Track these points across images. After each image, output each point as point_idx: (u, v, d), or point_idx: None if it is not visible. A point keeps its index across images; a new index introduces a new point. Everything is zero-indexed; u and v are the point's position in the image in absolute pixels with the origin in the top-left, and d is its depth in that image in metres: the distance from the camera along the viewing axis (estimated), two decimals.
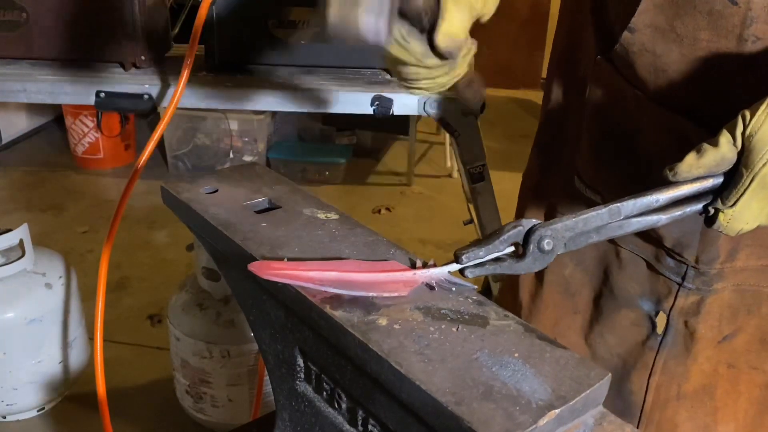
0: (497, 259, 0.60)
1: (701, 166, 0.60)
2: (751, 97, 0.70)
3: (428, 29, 0.61)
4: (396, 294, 0.58)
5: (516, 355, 0.53)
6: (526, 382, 0.50)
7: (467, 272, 0.60)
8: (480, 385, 0.49)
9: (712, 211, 0.62)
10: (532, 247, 0.59)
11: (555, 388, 0.49)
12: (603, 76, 0.83)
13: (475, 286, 0.61)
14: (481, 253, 0.59)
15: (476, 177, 1.69)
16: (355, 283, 0.59)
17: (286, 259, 0.63)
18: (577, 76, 0.89)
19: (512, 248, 0.60)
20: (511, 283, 1.01)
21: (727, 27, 0.68)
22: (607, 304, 0.90)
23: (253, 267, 0.60)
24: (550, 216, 0.98)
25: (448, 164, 3.66)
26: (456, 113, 1.41)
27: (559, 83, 0.95)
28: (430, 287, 0.60)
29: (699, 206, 0.62)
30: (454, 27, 0.62)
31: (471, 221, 1.81)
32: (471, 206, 1.75)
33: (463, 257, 0.59)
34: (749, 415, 0.88)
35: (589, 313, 0.93)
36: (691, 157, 0.60)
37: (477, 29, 0.80)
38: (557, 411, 0.47)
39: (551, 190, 0.97)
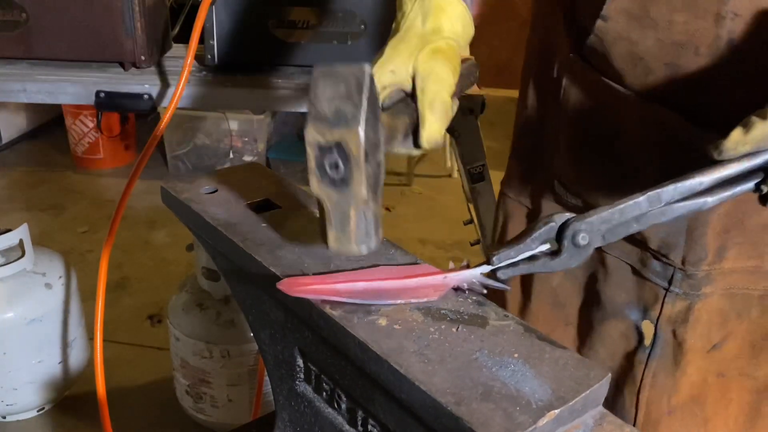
0: (531, 258, 0.58)
1: (748, 142, 0.57)
2: (732, 79, 0.68)
3: (411, 134, 0.66)
4: (425, 299, 0.58)
5: (516, 355, 0.53)
6: (525, 383, 0.50)
7: (500, 273, 0.58)
8: (479, 385, 0.49)
9: (765, 189, 0.58)
10: (566, 242, 0.57)
11: (555, 389, 0.49)
12: (577, 73, 0.81)
13: (509, 288, 0.60)
14: (512, 253, 0.57)
15: (476, 177, 1.69)
16: (383, 292, 0.58)
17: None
18: (552, 78, 0.87)
19: (547, 246, 0.58)
20: (496, 297, 1.00)
21: (703, 6, 0.67)
22: (596, 314, 0.88)
23: (282, 285, 0.59)
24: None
25: (448, 164, 3.65)
26: (456, 114, 1.41)
27: (534, 87, 0.93)
28: (462, 291, 0.59)
29: (750, 185, 0.58)
30: (434, 132, 0.65)
31: (471, 221, 1.81)
32: (471, 206, 1.75)
33: (495, 258, 0.57)
34: (739, 422, 0.86)
35: (579, 325, 0.91)
36: (737, 133, 0.57)
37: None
38: (557, 411, 0.47)
39: (532, 198, 0.95)
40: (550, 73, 0.87)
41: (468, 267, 0.60)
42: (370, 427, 0.59)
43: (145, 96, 1.44)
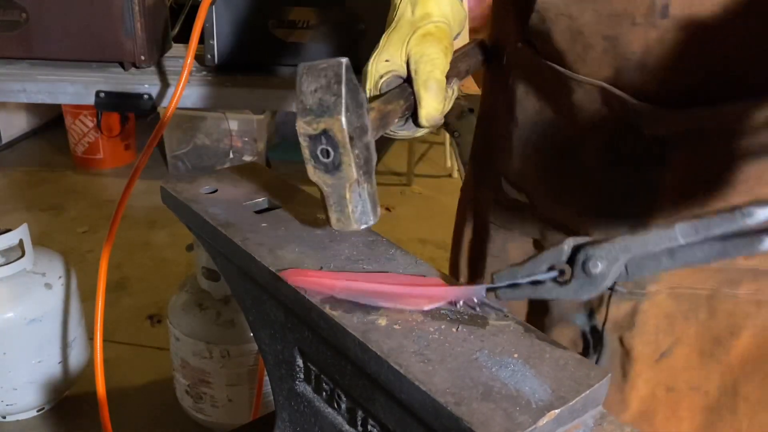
0: (537, 283, 0.53)
1: None
2: (668, 50, 0.67)
3: (411, 116, 0.70)
4: (414, 308, 0.57)
5: (515, 355, 0.52)
6: (525, 383, 0.50)
7: (500, 293, 0.55)
8: (479, 385, 0.49)
9: None
10: (577, 269, 0.51)
11: (555, 389, 0.49)
12: (524, 61, 0.80)
13: (505, 309, 0.57)
14: (516, 275, 0.54)
15: None
16: (379, 294, 0.58)
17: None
18: (502, 71, 0.85)
19: (556, 272, 0.53)
20: None
21: None
22: (545, 321, 0.86)
23: (284, 274, 0.61)
24: (481, 232, 0.93)
25: (448, 164, 3.66)
26: (455, 113, 1.41)
27: (489, 83, 0.91)
28: (453, 305, 0.58)
29: None
30: (431, 110, 0.69)
31: None
32: None
33: (496, 277, 0.55)
34: None
35: None
36: None
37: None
38: (557, 411, 0.47)
39: (484, 202, 0.93)
40: (501, 65, 0.86)
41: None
42: (370, 427, 0.59)
43: (145, 96, 1.44)
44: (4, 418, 1.92)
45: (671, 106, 0.69)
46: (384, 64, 0.70)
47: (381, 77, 0.70)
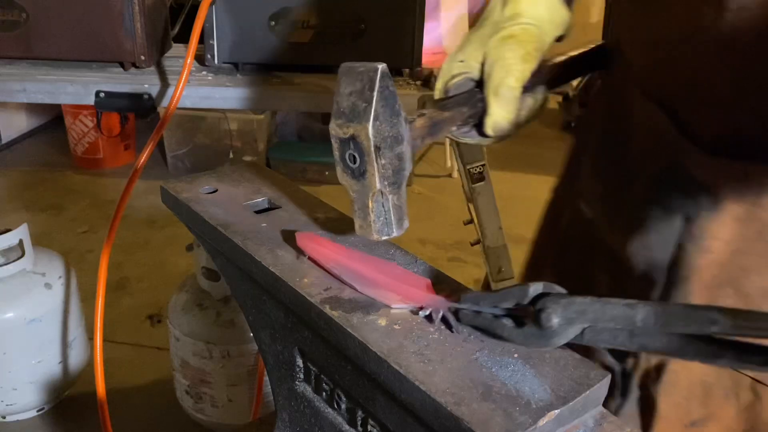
0: (497, 317, 0.52)
1: None
2: (728, 85, 0.62)
3: (477, 122, 0.67)
4: (383, 302, 0.57)
5: (515, 355, 0.52)
6: (525, 383, 0.50)
7: (461, 315, 0.54)
8: (479, 385, 0.49)
9: None
10: (530, 317, 0.50)
11: (555, 389, 0.49)
12: (617, 69, 0.76)
13: (457, 332, 0.54)
14: (478, 302, 0.53)
15: (476, 177, 1.68)
16: (360, 277, 0.59)
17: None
18: (610, 81, 0.81)
19: (509, 311, 0.52)
20: None
21: None
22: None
23: (298, 235, 0.62)
24: (556, 248, 0.89)
25: (448, 164, 3.66)
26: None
27: (599, 91, 0.87)
28: (414, 312, 0.57)
29: None
30: (498, 119, 0.65)
31: (471, 221, 1.80)
32: (471, 206, 1.75)
33: (462, 298, 0.54)
34: None
35: None
36: None
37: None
38: (557, 411, 0.47)
39: (559, 205, 0.89)
40: (609, 73, 0.82)
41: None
42: (369, 427, 0.59)
43: (145, 96, 1.44)
44: (4, 418, 1.92)
45: (722, 153, 0.64)
46: (458, 64, 0.66)
47: (452, 77, 0.66)
